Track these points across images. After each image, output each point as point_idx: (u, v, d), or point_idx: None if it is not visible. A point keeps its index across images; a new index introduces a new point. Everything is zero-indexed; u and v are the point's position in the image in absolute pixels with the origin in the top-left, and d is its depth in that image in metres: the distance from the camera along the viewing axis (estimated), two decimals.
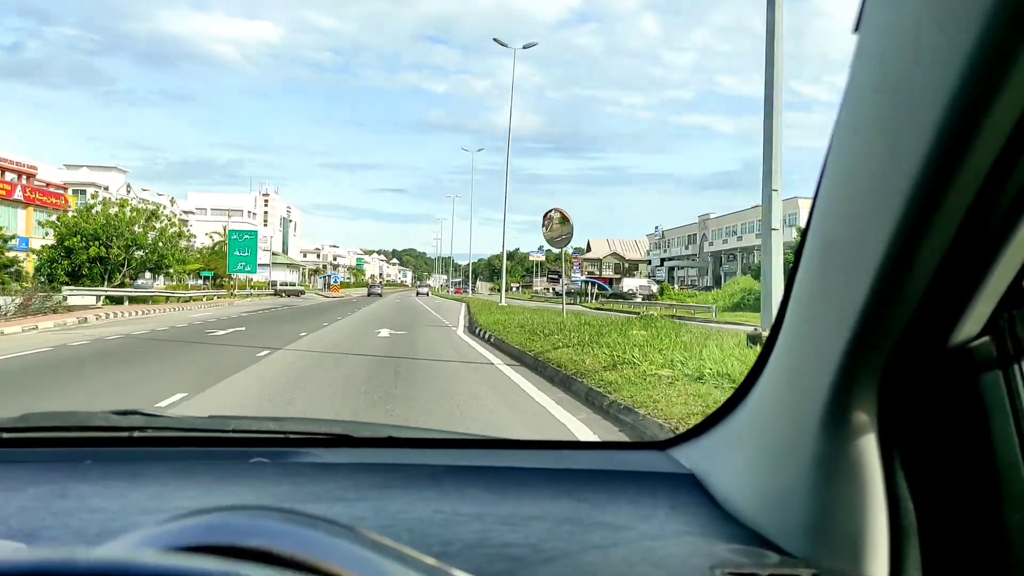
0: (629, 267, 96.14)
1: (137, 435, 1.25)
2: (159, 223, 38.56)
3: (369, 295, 65.19)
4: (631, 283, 71.31)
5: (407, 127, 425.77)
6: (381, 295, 65.30)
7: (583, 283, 73.43)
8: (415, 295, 72.98)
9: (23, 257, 35.59)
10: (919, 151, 0.57)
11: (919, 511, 0.75)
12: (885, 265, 0.63)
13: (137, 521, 0.89)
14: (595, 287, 70.42)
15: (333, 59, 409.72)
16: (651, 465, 1.20)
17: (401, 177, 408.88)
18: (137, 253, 36.83)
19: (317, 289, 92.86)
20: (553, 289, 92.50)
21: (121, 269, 36.10)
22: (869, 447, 0.75)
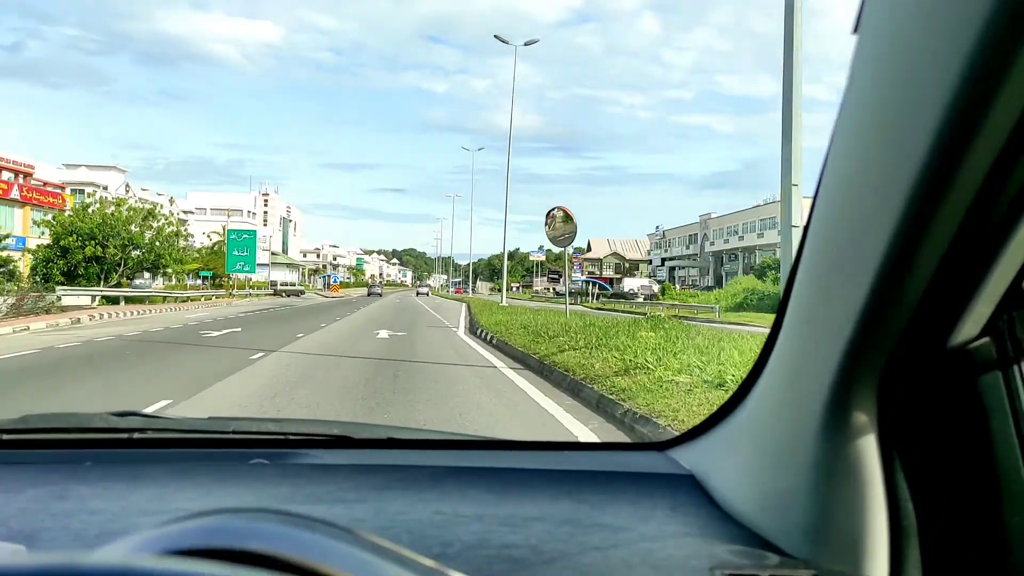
0: (630, 267, 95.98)
1: (137, 436, 1.25)
2: (156, 222, 38.07)
3: (369, 295, 65.12)
4: (632, 283, 71.11)
5: (407, 127, 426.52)
6: (381, 295, 65.23)
7: (584, 283, 73.05)
8: (415, 295, 72.75)
9: (17, 257, 35.15)
10: (919, 151, 0.57)
11: (919, 512, 0.75)
12: (885, 265, 0.63)
13: (137, 523, 0.89)
14: (596, 287, 70.01)
15: (333, 59, 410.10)
16: (650, 466, 1.20)
17: (401, 177, 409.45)
18: (134, 253, 36.36)
19: (317, 289, 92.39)
20: (554, 289, 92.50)
21: (117, 269, 35.65)
22: (869, 448, 0.76)
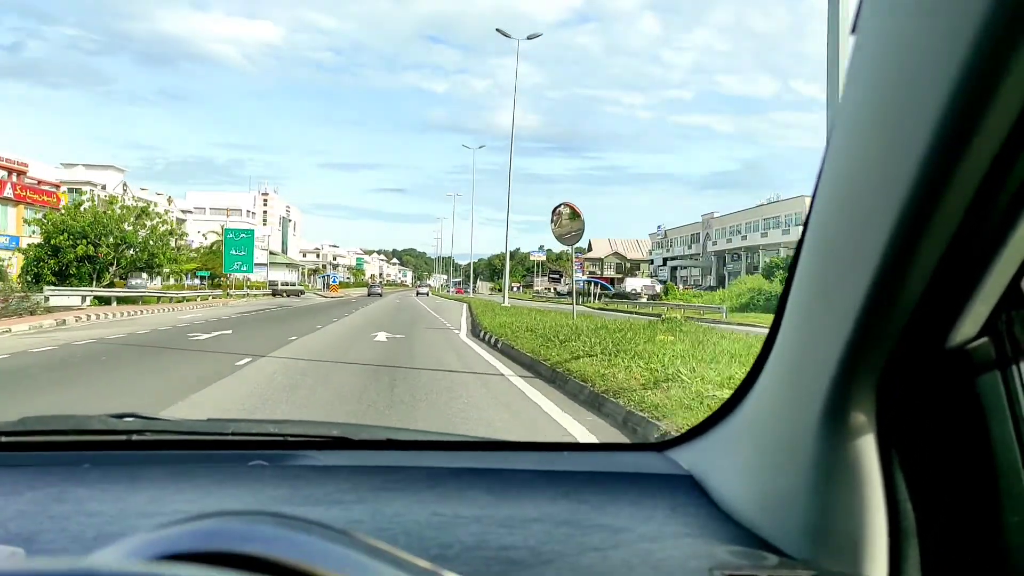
0: (631, 267, 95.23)
1: (135, 438, 1.24)
2: (150, 221, 37.16)
3: (369, 295, 64.70)
4: (634, 283, 70.33)
5: (407, 127, 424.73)
6: (381, 295, 64.75)
7: (585, 283, 72.12)
8: (415, 295, 72.14)
9: (8, 256, 34.26)
10: (917, 150, 0.57)
11: (918, 512, 0.75)
12: (883, 265, 0.63)
13: (135, 525, 0.88)
14: (598, 287, 69.11)
15: (333, 59, 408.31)
16: (649, 467, 1.19)
17: (401, 177, 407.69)
18: (127, 252, 35.46)
19: (316, 289, 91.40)
20: (554, 289, 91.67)
21: (110, 268, 34.75)
22: (868, 448, 0.75)
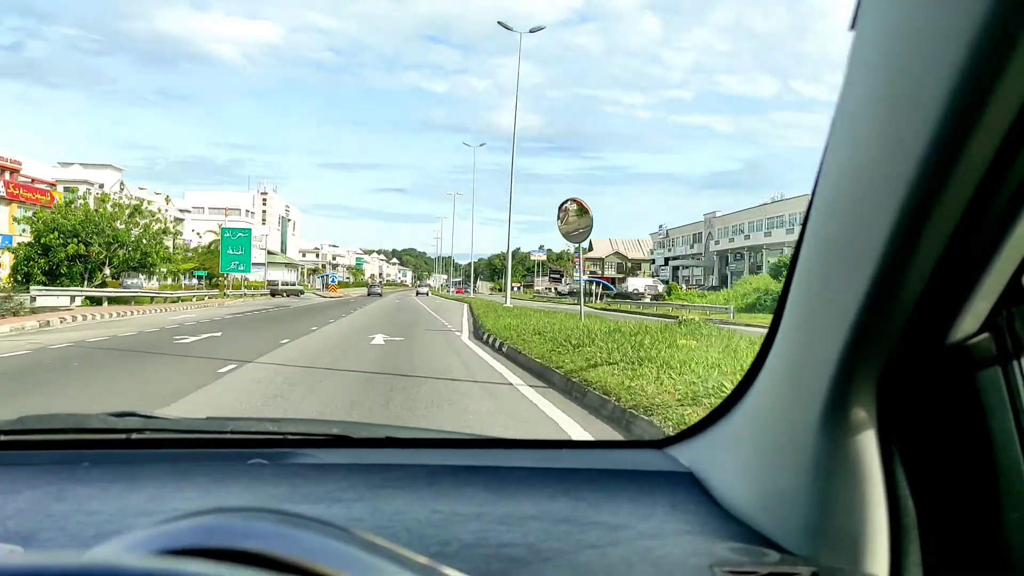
0: (632, 266, 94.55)
1: (135, 437, 1.23)
2: (143, 219, 36.23)
3: (369, 295, 64.31)
4: (637, 283, 69.72)
5: (407, 127, 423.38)
6: (381, 295, 64.31)
7: (587, 283, 71.26)
8: (415, 295, 71.54)
9: None
10: (917, 147, 0.57)
11: (919, 509, 0.75)
12: (884, 262, 0.63)
13: (134, 523, 0.87)
14: (599, 287, 68.20)
15: (333, 59, 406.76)
16: (649, 464, 1.18)
17: (401, 177, 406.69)
18: (120, 251, 34.53)
19: (315, 289, 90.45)
20: (555, 289, 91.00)
21: (102, 268, 33.83)
22: (869, 444, 0.75)
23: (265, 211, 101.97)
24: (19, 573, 0.43)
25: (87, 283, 32.32)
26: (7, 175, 41.61)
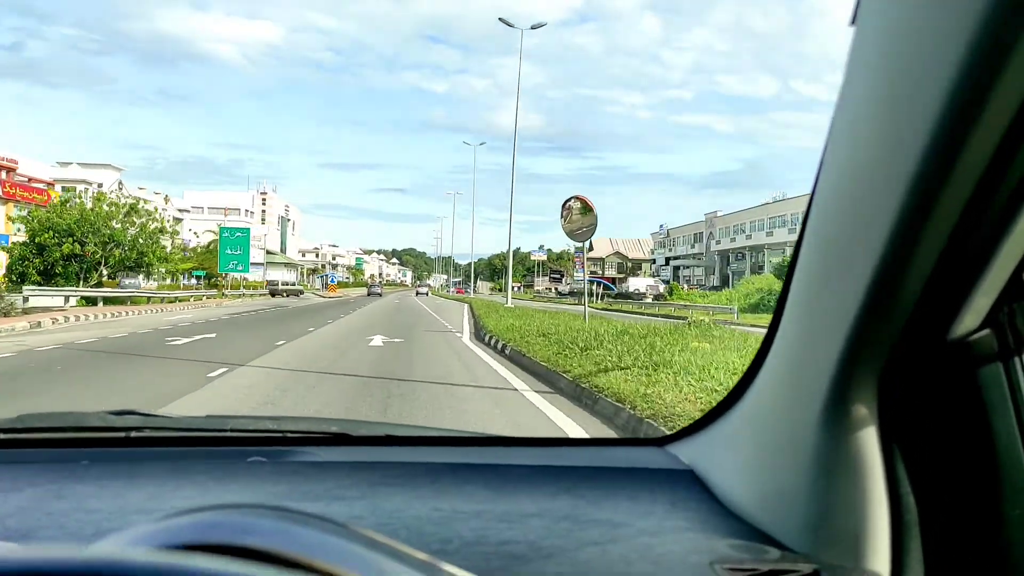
0: (632, 266, 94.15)
1: (134, 435, 1.23)
2: (139, 218, 35.77)
3: (369, 295, 64.22)
4: (638, 282, 69.36)
5: (407, 127, 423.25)
6: (381, 295, 64.18)
7: (587, 282, 70.97)
8: (415, 295, 71.35)
9: None
10: (917, 144, 0.57)
11: (920, 506, 0.75)
12: (884, 258, 0.63)
13: (134, 521, 0.87)
14: (600, 287, 67.76)
15: (333, 59, 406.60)
16: (649, 461, 1.18)
17: (401, 177, 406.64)
18: (116, 251, 34.07)
19: (315, 289, 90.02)
20: (555, 289, 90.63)
21: (98, 268, 33.38)
22: (870, 441, 0.75)
23: (264, 211, 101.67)
24: (19, 568, 0.42)
25: (83, 283, 31.87)
26: (3, 174, 41.24)
